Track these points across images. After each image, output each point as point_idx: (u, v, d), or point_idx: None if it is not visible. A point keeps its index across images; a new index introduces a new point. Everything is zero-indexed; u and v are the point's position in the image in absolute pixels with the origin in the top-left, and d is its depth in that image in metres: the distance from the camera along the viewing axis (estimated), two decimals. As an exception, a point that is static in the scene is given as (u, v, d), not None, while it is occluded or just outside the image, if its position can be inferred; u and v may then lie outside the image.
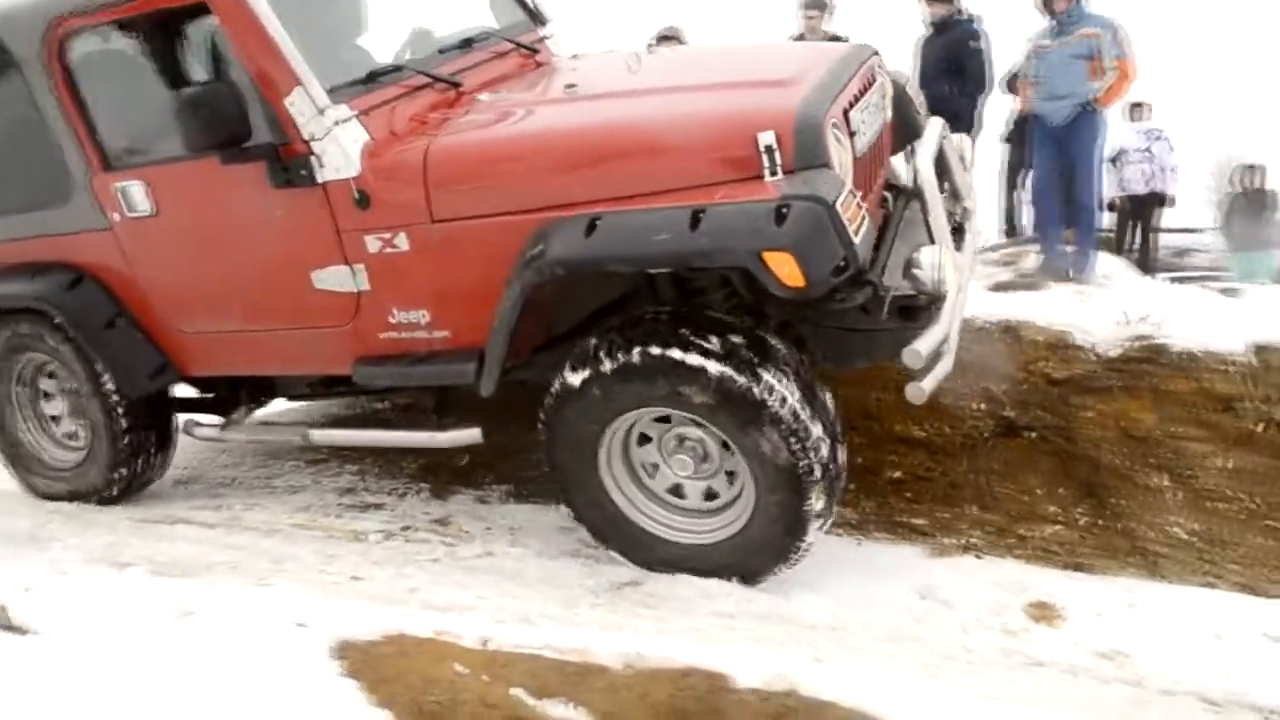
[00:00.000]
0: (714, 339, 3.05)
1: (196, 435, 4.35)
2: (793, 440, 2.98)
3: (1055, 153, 6.13)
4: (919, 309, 3.22)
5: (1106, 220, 9.68)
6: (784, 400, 2.97)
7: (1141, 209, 9.74)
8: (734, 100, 3.22)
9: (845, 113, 3.18)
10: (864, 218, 2.99)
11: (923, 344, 3.01)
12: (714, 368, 2.99)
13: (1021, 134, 7.92)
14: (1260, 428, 4.06)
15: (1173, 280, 7.01)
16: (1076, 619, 3.18)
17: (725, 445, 3.20)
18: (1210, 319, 4.60)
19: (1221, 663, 2.94)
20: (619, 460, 3.39)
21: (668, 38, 7.03)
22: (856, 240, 2.87)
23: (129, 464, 4.29)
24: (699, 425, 3.20)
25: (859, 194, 3.03)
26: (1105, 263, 6.12)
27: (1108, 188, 9.36)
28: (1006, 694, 2.46)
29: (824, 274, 2.82)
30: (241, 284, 3.79)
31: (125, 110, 3.87)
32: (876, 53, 3.89)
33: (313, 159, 3.35)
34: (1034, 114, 6.35)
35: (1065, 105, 6.02)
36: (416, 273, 3.41)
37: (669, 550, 3.38)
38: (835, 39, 6.49)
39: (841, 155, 3.06)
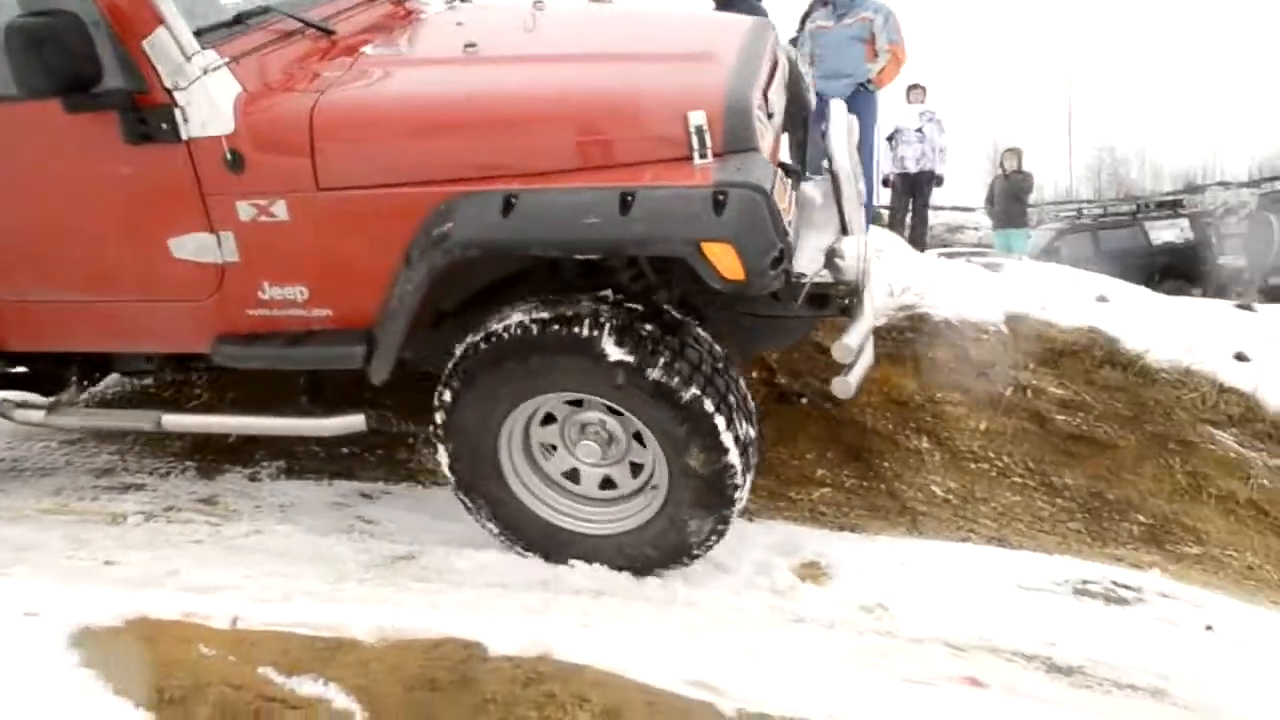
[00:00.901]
0: (632, 322, 2.86)
1: (16, 419, 3.76)
2: (714, 422, 2.83)
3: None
4: (829, 298, 3.15)
5: (884, 197, 10.13)
6: (704, 384, 2.83)
7: (914, 186, 10.18)
8: (657, 75, 3.03)
9: (764, 93, 3.07)
10: (792, 205, 2.92)
11: (851, 338, 2.96)
12: (631, 355, 2.80)
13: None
14: (1010, 391, 4.31)
15: (942, 255, 7.38)
16: (843, 576, 3.28)
17: (637, 436, 3.05)
18: (969, 291, 4.85)
19: (970, 611, 3.10)
20: (520, 450, 3.18)
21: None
22: (790, 230, 2.80)
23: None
24: (613, 412, 3.03)
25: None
26: (878, 237, 6.37)
27: (884, 165, 9.79)
28: (766, 650, 2.51)
29: (763, 267, 2.69)
30: (81, 249, 3.33)
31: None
32: (774, 27, 3.71)
33: (176, 111, 2.95)
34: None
35: (843, 84, 6.22)
36: (295, 245, 3.08)
37: (578, 541, 3.19)
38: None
39: (765, 138, 2.95)
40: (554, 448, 3.19)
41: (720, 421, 2.84)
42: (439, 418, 3.07)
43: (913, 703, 2.03)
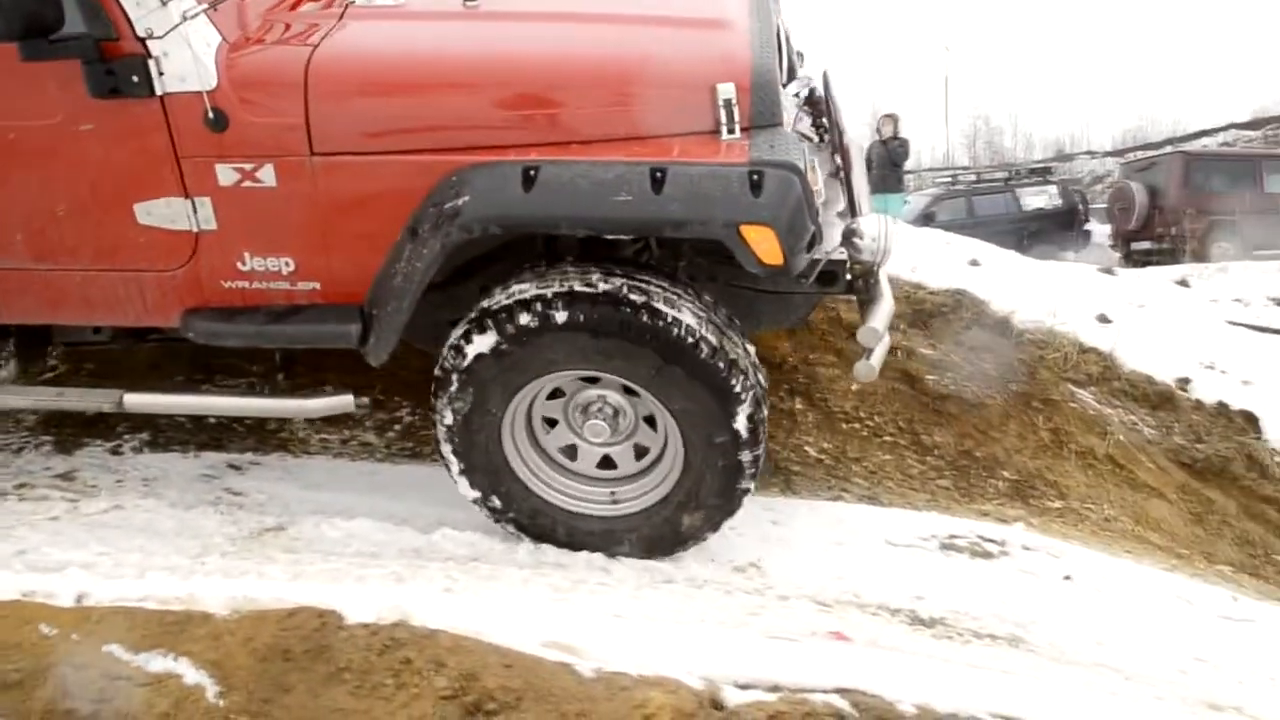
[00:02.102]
0: (668, 298, 2.72)
1: None
2: (739, 398, 2.75)
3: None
4: (836, 275, 3.04)
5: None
6: (734, 360, 2.74)
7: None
8: (678, 42, 2.86)
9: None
10: (819, 182, 2.80)
11: (877, 321, 2.89)
12: (687, 324, 2.67)
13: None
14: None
15: (825, 219, 7.44)
16: (718, 537, 3.30)
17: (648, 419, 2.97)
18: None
19: (840, 568, 3.16)
20: (523, 431, 3.06)
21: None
22: (820, 210, 2.71)
23: None
24: (627, 392, 2.93)
25: None
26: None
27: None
28: (632, 611, 2.52)
29: (800, 251, 2.61)
30: (35, 211, 3.00)
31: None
32: None
33: (150, 63, 2.70)
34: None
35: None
36: (283, 214, 2.84)
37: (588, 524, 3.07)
38: None
39: (789, 111, 2.85)
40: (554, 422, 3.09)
41: (748, 400, 2.78)
42: (453, 389, 2.87)
43: (773, 657, 2.05)
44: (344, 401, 3.11)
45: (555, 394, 3.03)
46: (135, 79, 2.72)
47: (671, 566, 3.01)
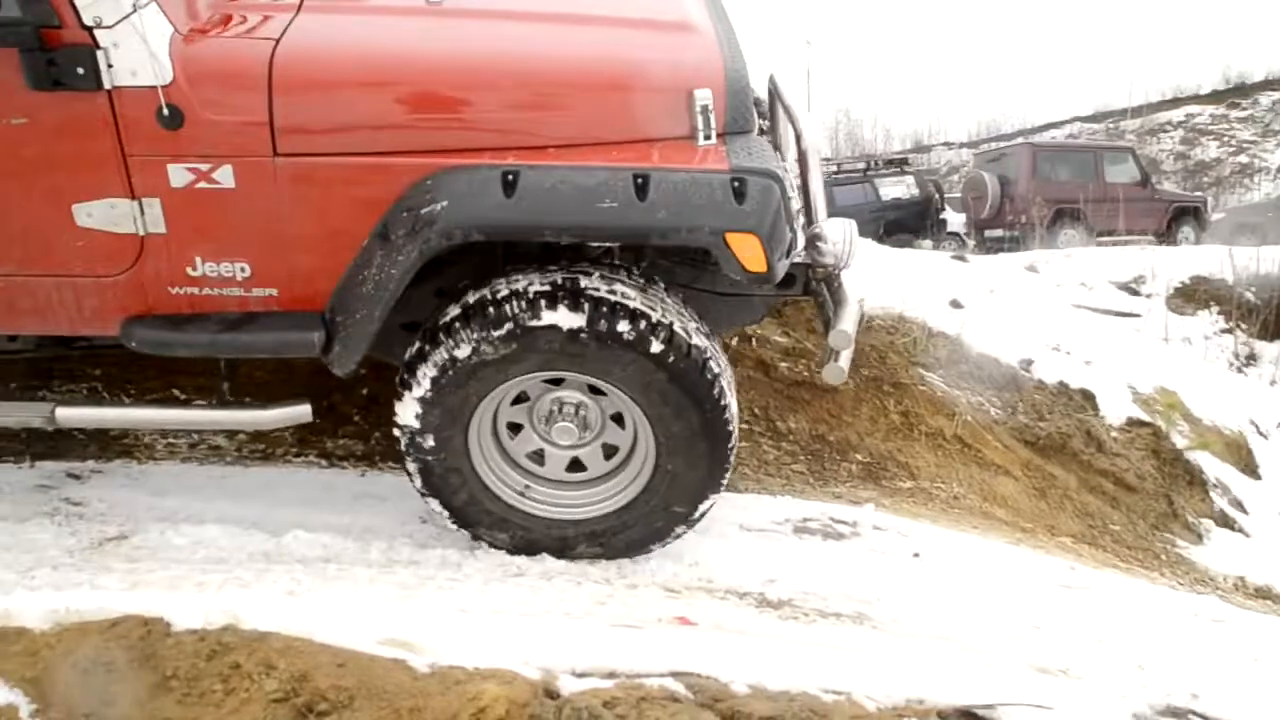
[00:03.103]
0: (641, 301, 2.69)
1: None
2: (714, 396, 2.75)
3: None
4: (794, 278, 3.06)
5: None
6: (656, 319, 2.68)
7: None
8: (653, 45, 2.80)
9: None
10: (793, 188, 2.78)
11: (847, 324, 2.88)
12: (576, 317, 2.63)
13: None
14: (736, 341, 4.46)
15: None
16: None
17: (596, 391, 2.91)
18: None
19: (693, 554, 3.19)
20: (490, 439, 2.98)
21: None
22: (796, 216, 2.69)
23: None
24: (594, 392, 2.89)
25: None
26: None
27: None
28: (477, 605, 2.52)
29: (782, 258, 2.60)
30: None
31: None
32: None
33: (98, 54, 2.53)
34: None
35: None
36: (241, 217, 2.70)
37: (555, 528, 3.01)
38: None
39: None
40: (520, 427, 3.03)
41: (729, 397, 2.79)
42: (420, 394, 2.77)
43: (612, 645, 2.07)
44: (301, 411, 2.96)
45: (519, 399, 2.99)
46: (80, 71, 2.55)
47: (526, 560, 3.00)
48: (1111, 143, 25.78)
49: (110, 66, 2.55)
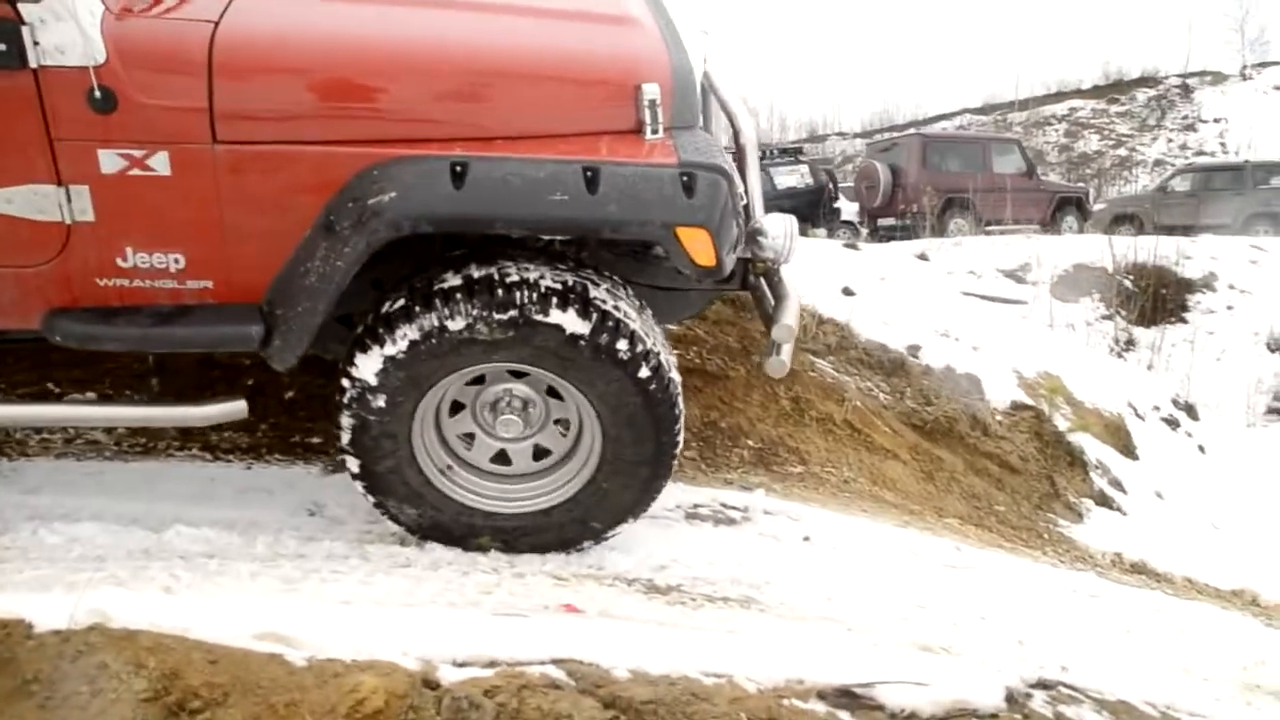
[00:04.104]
0: (639, 324, 2.70)
1: None
2: (673, 431, 2.81)
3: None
4: (732, 272, 3.03)
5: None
6: (649, 345, 2.70)
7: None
8: (598, 37, 2.76)
9: None
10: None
11: (789, 317, 2.88)
12: (582, 324, 2.62)
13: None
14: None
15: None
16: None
17: (552, 393, 2.90)
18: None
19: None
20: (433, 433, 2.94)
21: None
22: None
23: None
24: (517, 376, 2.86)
25: None
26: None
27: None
28: (360, 596, 2.49)
29: (730, 252, 2.60)
30: None
31: None
32: None
33: (24, 30, 2.40)
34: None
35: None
36: (176, 206, 2.59)
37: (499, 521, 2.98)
38: None
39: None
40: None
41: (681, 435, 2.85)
42: (355, 393, 2.71)
43: (495, 634, 2.06)
44: (238, 407, 2.86)
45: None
46: (2, 48, 2.42)
47: (415, 551, 2.97)
48: (999, 134, 26.52)
49: (36, 44, 2.44)
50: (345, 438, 2.80)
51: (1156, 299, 10.58)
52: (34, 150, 2.53)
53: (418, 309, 2.65)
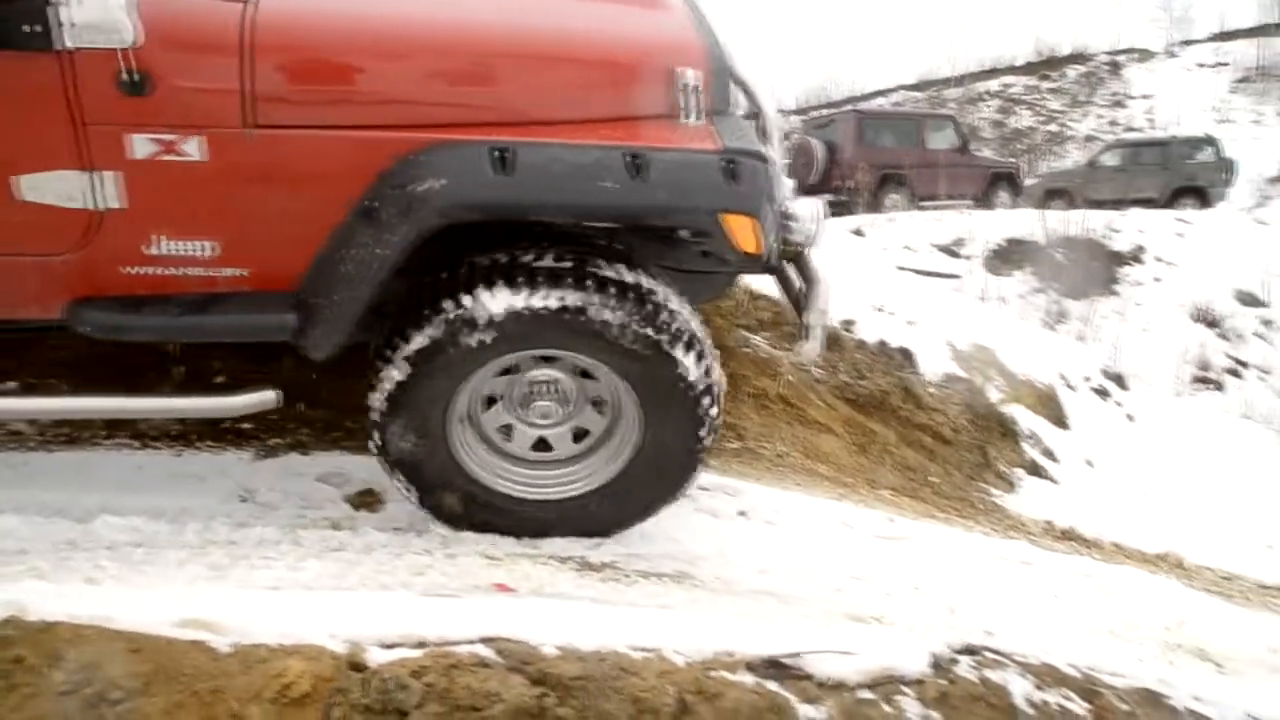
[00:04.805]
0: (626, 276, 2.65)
1: None
2: (702, 366, 2.76)
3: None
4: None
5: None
6: (693, 332, 2.72)
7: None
8: (636, 21, 2.74)
9: None
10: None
11: (823, 302, 2.92)
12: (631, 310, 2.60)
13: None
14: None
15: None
16: (396, 501, 3.26)
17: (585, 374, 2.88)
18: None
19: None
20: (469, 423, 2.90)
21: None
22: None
23: None
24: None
25: None
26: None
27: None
28: (290, 581, 2.47)
29: (772, 239, 2.59)
30: None
31: None
32: None
33: (51, 11, 2.32)
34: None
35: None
36: (210, 192, 2.53)
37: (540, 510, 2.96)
38: None
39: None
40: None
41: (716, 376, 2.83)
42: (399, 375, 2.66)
43: (425, 614, 2.05)
44: (268, 397, 2.79)
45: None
46: (31, 30, 2.34)
47: (348, 535, 2.95)
48: (934, 111, 26.77)
49: (72, 24, 2.36)
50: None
51: (1087, 272, 10.77)
52: (61, 135, 2.46)
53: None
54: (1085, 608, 3.50)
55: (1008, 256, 11.09)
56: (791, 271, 3.23)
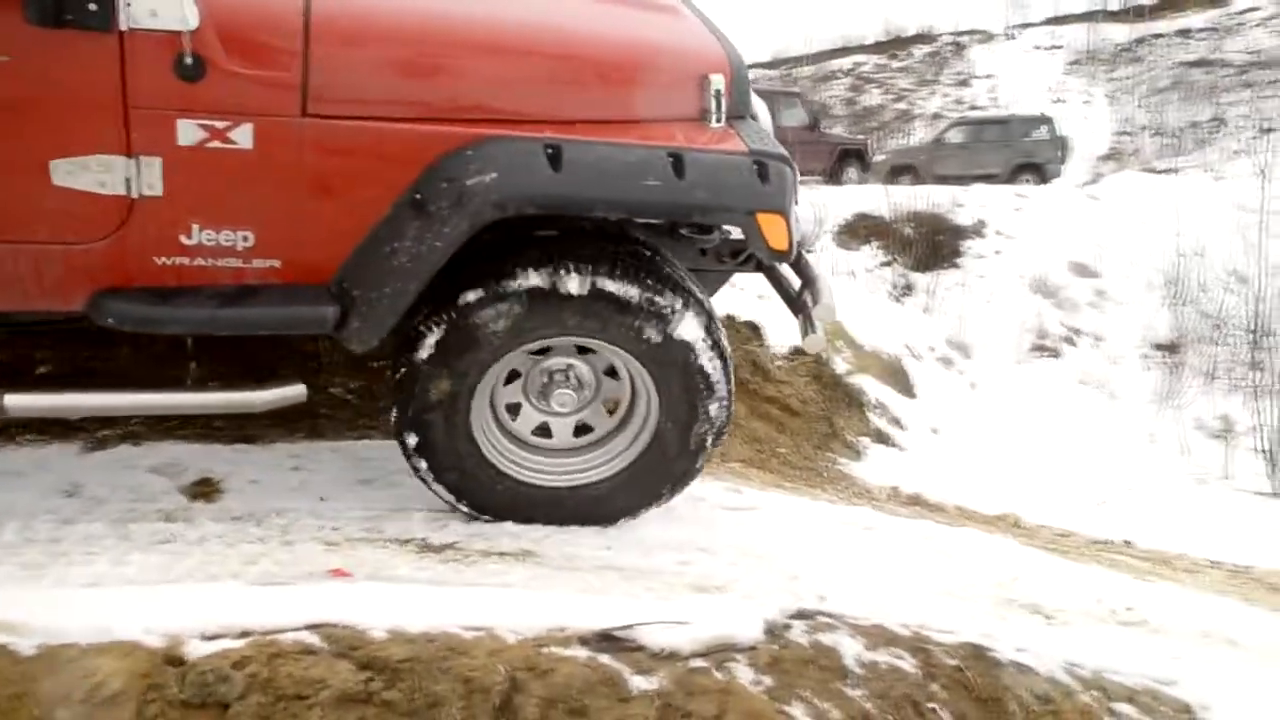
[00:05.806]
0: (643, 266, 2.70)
1: None
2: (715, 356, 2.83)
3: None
4: (752, 254, 3.13)
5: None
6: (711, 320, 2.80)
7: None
8: (669, 27, 2.83)
9: None
10: None
11: (828, 297, 2.95)
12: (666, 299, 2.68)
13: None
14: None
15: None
16: (235, 490, 3.19)
17: (611, 373, 2.98)
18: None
19: (362, 506, 3.14)
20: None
21: None
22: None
23: None
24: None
25: None
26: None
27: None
28: (110, 577, 2.38)
29: (796, 238, 2.64)
30: None
31: None
32: None
33: None
34: None
35: None
36: (253, 181, 2.47)
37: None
38: None
39: None
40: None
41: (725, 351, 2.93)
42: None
43: (250, 604, 2.00)
44: (297, 391, 2.76)
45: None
46: (93, 7, 2.24)
47: (182, 526, 2.86)
48: (784, 88, 27.25)
49: (128, 5, 2.28)
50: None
51: (933, 246, 11.11)
52: (106, 118, 2.37)
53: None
54: (924, 569, 3.61)
55: (856, 231, 11.37)
56: (785, 270, 3.35)
